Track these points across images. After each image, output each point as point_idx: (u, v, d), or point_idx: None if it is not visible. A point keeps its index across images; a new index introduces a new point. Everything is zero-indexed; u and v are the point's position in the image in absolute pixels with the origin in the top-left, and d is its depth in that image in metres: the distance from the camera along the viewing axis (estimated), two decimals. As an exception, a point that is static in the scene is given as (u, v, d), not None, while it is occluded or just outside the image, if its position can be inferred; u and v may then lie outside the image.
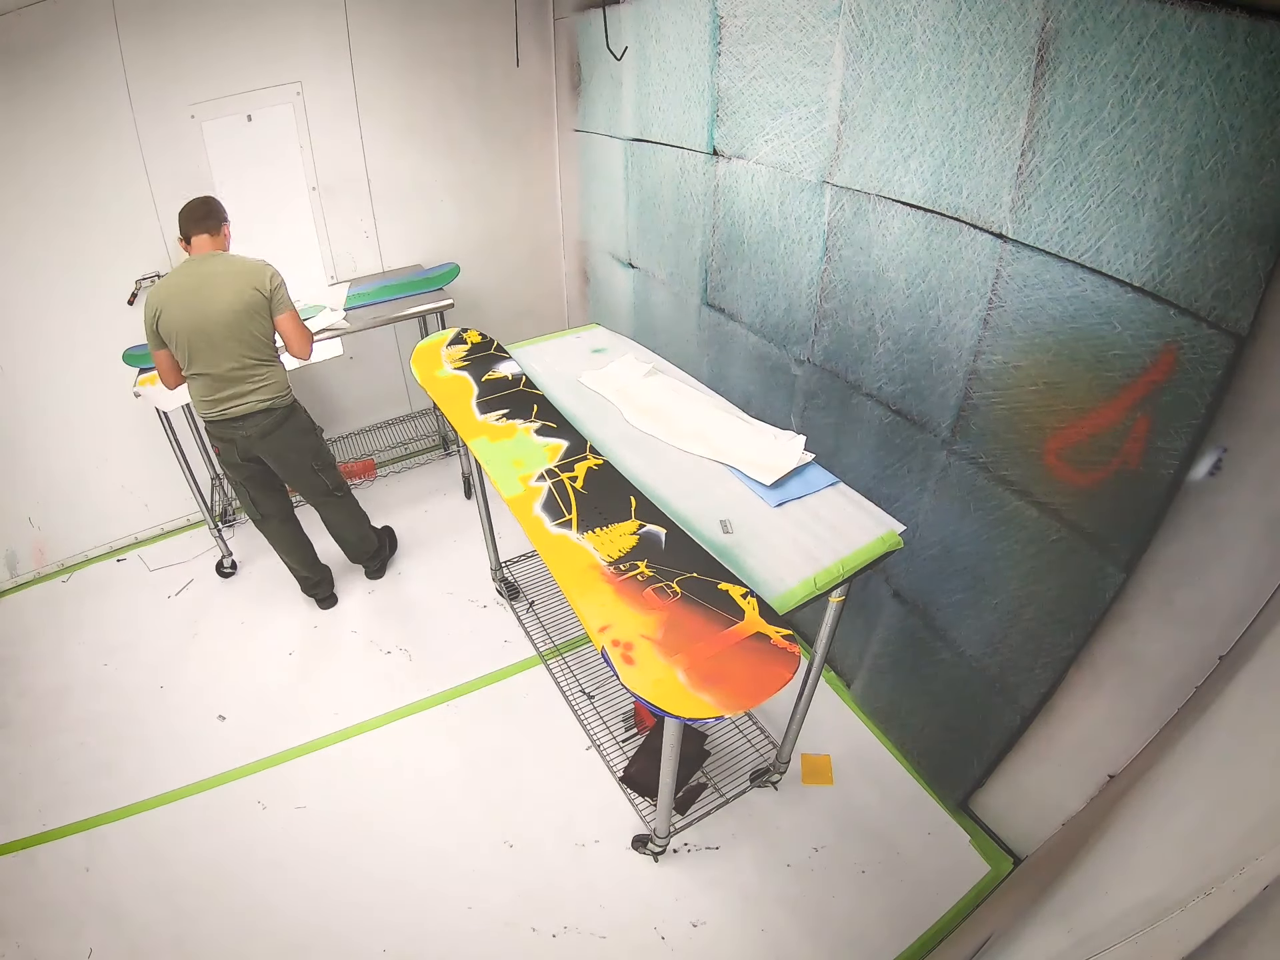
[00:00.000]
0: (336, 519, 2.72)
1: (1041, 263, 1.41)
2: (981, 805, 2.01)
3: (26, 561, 3.08)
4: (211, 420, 2.30)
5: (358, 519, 2.77)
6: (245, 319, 2.17)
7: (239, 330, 2.17)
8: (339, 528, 2.75)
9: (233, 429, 2.29)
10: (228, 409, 2.26)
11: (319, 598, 2.81)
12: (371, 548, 2.86)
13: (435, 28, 2.98)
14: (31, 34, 2.34)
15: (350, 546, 2.82)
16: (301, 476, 2.50)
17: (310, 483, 2.53)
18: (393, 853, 2.02)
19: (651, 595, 1.41)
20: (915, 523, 1.90)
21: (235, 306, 2.14)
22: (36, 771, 2.28)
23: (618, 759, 2.16)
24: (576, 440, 1.89)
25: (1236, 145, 1.08)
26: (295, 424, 2.41)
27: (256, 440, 2.32)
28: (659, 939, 1.81)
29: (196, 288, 2.12)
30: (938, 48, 1.50)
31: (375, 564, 2.92)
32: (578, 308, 3.83)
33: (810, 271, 2.04)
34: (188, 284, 2.13)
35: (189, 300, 2.11)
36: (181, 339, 2.15)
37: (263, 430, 2.32)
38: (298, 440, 2.43)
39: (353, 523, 2.76)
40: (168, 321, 2.12)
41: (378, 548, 2.90)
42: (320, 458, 2.53)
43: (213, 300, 2.12)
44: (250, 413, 2.28)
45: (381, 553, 2.93)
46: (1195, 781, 1.12)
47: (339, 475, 2.64)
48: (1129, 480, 1.37)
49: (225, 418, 2.27)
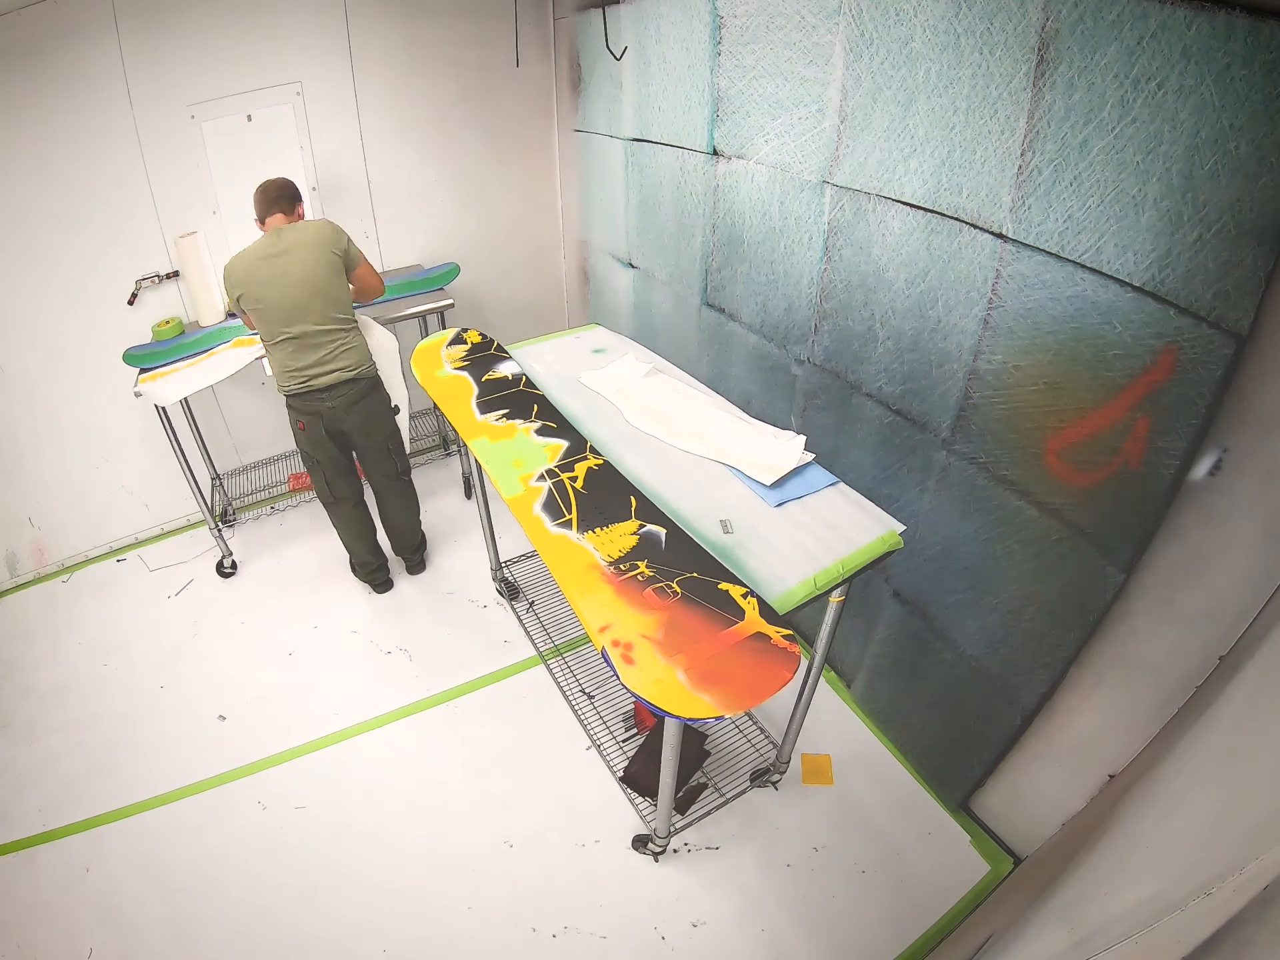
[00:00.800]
0: (396, 505, 2.74)
1: (1041, 263, 1.41)
2: (981, 805, 2.01)
3: (26, 561, 3.08)
4: (297, 393, 2.32)
5: (414, 509, 2.82)
6: (329, 280, 2.25)
7: (321, 295, 2.24)
8: (395, 516, 2.78)
9: (319, 400, 2.33)
10: (314, 379, 2.30)
11: (377, 582, 2.86)
12: (418, 539, 2.92)
13: (435, 28, 2.98)
14: (31, 34, 2.34)
15: (400, 536, 2.85)
16: (378, 454, 2.54)
17: (384, 462, 2.57)
18: (393, 853, 2.02)
19: (651, 595, 1.41)
20: (915, 523, 1.90)
21: (318, 270, 2.22)
22: (36, 771, 2.28)
23: (618, 759, 2.16)
24: (576, 440, 1.89)
25: (1236, 145, 1.08)
26: (379, 397, 2.48)
27: (343, 411, 2.36)
28: (659, 939, 1.81)
29: (278, 256, 2.20)
30: (938, 48, 1.50)
31: (418, 557, 2.95)
32: (578, 308, 3.83)
33: (810, 271, 2.04)
34: (270, 254, 2.20)
35: (273, 270, 2.19)
36: (266, 310, 2.22)
37: (349, 400, 2.36)
38: (381, 414, 2.49)
39: (409, 512, 2.80)
40: (252, 297, 2.20)
41: (422, 540, 2.95)
42: (395, 438, 2.59)
43: (293, 270, 2.20)
44: (337, 382, 2.32)
45: (424, 547, 2.98)
46: (1195, 781, 1.12)
47: (407, 460, 2.69)
48: (1129, 480, 1.37)
49: (311, 388, 2.30)
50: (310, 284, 2.21)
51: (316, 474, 2.51)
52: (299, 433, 2.41)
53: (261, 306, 2.22)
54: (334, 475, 2.50)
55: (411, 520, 2.83)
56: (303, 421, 2.38)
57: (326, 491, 2.54)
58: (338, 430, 2.41)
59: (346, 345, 2.33)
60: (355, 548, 2.76)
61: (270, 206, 2.26)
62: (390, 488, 2.66)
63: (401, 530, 2.83)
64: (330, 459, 2.47)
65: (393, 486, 2.66)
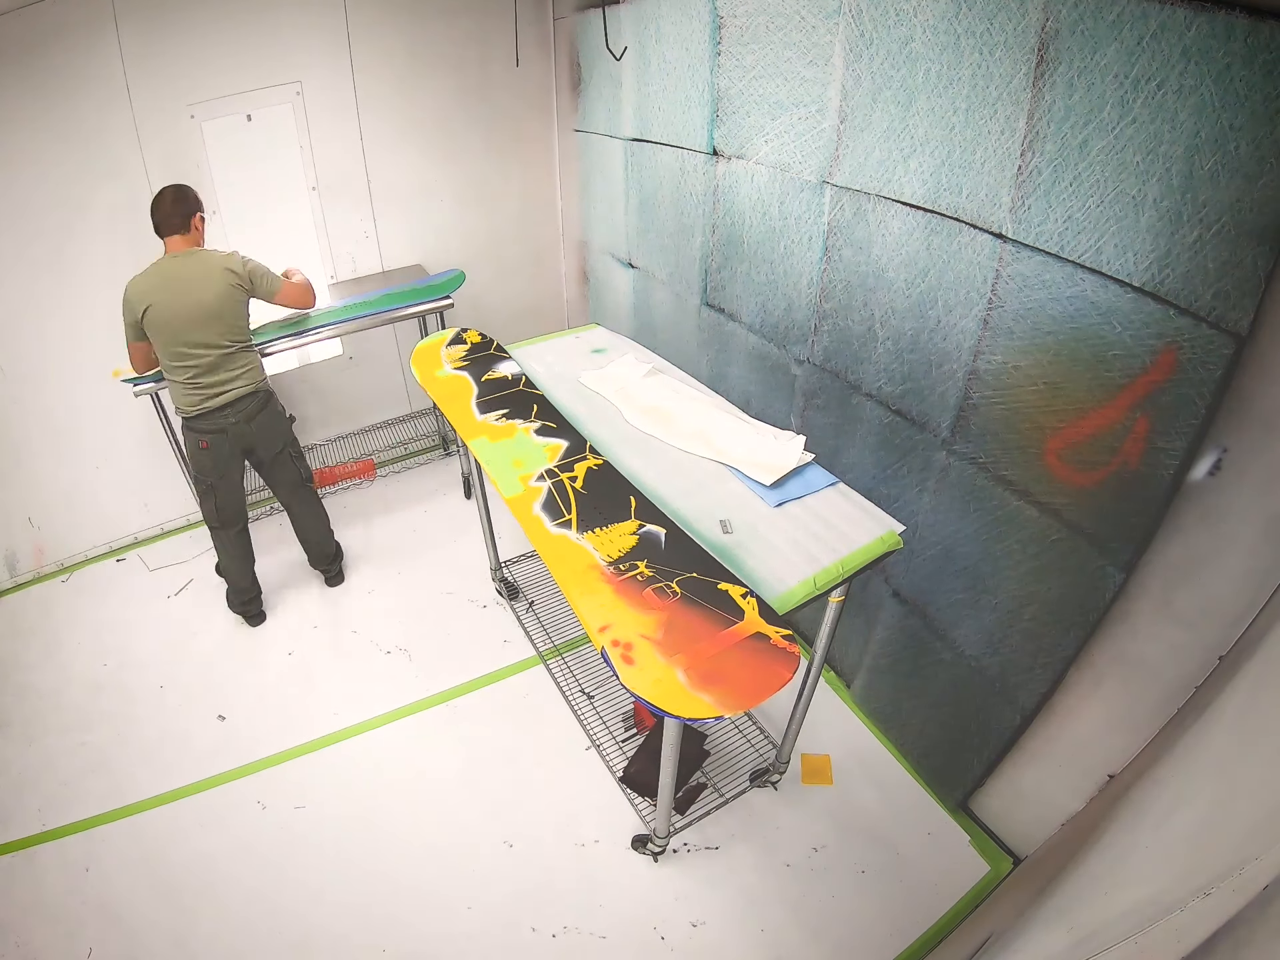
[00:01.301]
0: (306, 515, 2.75)
1: (1041, 263, 1.41)
2: (981, 805, 2.02)
3: (26, 561, 3.08)
4: (197, 415, 2.34)
5: (323, 517, 2.82)
6: (227, 307, 2.29)
7: (218, 321, 2.28)
8: (307, 527, 2.77)
9: (221, 418, 2.36)
10: (213, 399, 2.33)
11: (251, 613, 2.77)
12: (332, 549, 2.89)
13: (435, 27, 2.98)
14: (31, 34, 2.34)
15: (314, 546, 2.84)
16: (282, 462, 2.57)
17: (288, 470, 2.61)
18: (393, 853, 2.02)
19: (651, 595, 1.41)
20: (915, 523, 1.90)
21: (212, 299, 2.25)
22: (36, 771, 2.28)
23: (618, 759, 2.16)
24: (576, 440, 1.89)
25: (1236, 145, 1.08)
26: (275, 408, 2.53)
27: (244, 425, 2.40)
28: (659, 939, 1.81)
29: (173, 283, 2.22)
30: (938, 48, 1.50)
31: (335, 568, 2.92)
32: (578, 308, 3.83)
33: (810, 271, 2.04)
34: (168, 282, 2.22)
35: (173, 296, 2.21)
36: (168, 333, 2.24)
37: (249, 414, 2.41)
38: (279, 424, 2.54)
39: (319, 521, 2.80)
40: (152, 317, 2.21)
41: (337, 551, 2.92)
42: (295, 446, 2.63)
43: (190, 295, 2.23)
44: (236, 398, 2.36)
45: (340, 557, 2.95)
46: (1195, 781, 1.12)
47: (309, 469, 2.73)
48: (1129, 480, 1.37)
49: (210, 408, 2.33)
50: (211, 314, 2.25)
51: (208, 498, 2.48)
52: (201, 453, 2.40)
53: (161, 330, 2.23)
54: (226, 498, 2.50)
55: (323, 530, 2.82)
56: (206, 440, 2.37)
57: (215, 515, 2.52)
58: (243, 445, 2.44)
59: (246, 366, 2.39)
60: (236, 575, 2.69)
61: (164, 225, 2.25)
62: (297, 496, 2.69)
63: (315, 540, 2.82)
64: (227, 480, 2.47)
65: (299, 495, 2.68)
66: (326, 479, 3.43)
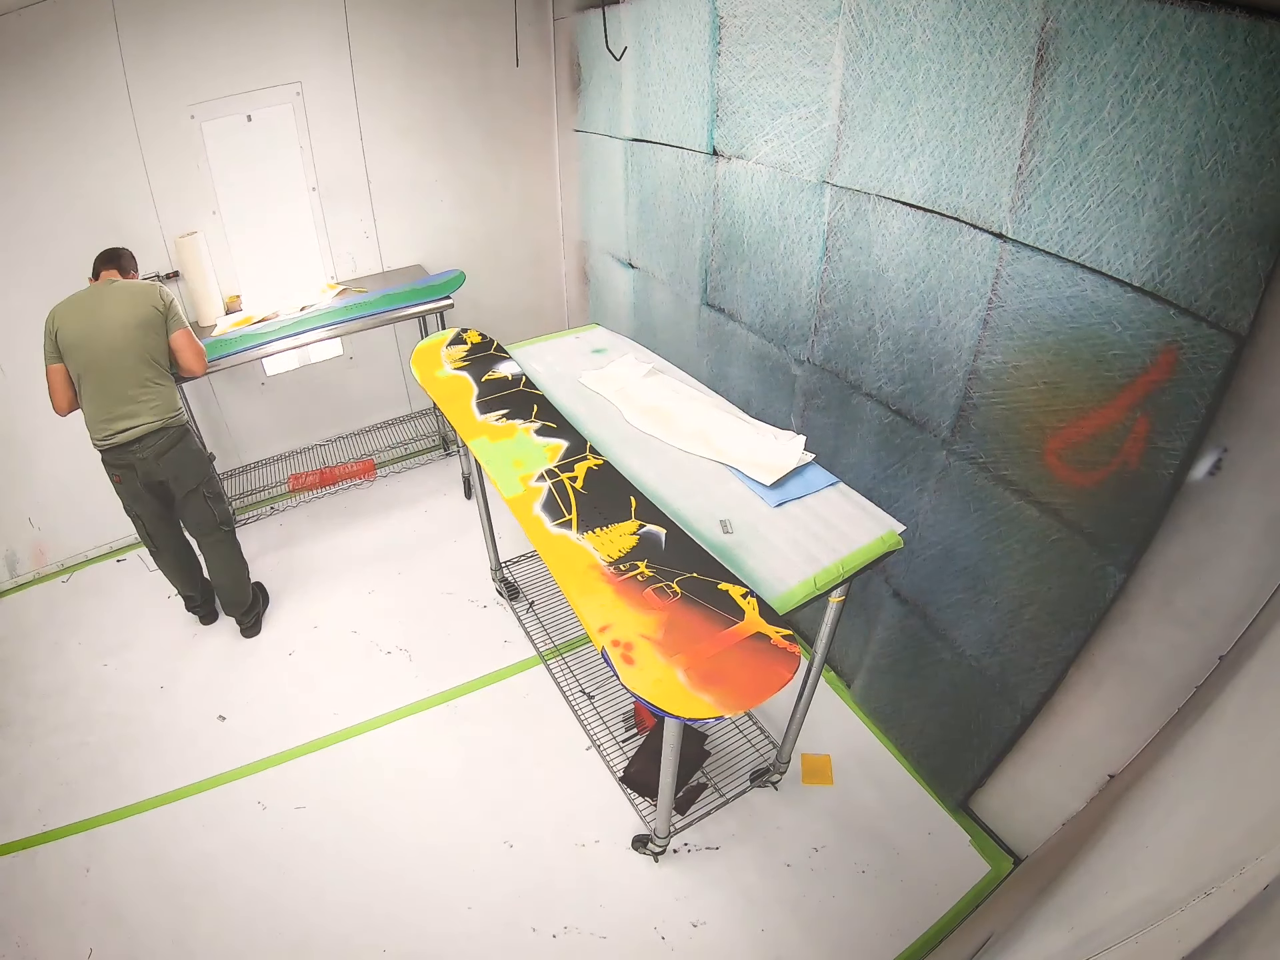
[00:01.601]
0: (216, 560, 2.60)
1: (1041, 263, 1.41)
2: (981, 805, 2.01)
3: (26, 562, 3.08)
4: (107, 448, 2.28)
5: (238, 564, 2.66)
6: (141, 334, 2.25)
7: (135, 345, 2.24)
8: (218, 571, 2.62)
9: (129, 454, 2.28)
10: (120, 433, 2.25)
11: (202, 615, 2.78)
12: (247, 599, 2.70)
13: (435, 28, 2.98)
14: (31, 34, 2.34)
15: (225, 593, 2.67)
16: (195, 503, 2.45)
17: (201, 512, 2.48)
18: (393, 853, 2.02)
19: (651, 595, 1.41)
20: (915, 523, 1.90)
21: (131, 321, 2.22)
22: (36, 771, 2.28)
23: (618, 759, 2.16)
24: (576, 440, 1.89)
25: (1236, 145, 1.09)
26: (189, 445, 2.40)
27: (153, 461, 2.30)
28: (659, 939, 1.81)
29: (95, 305, 2.22)
30: (937, 48, 1.50)
31: (250, 619, 2.72)
32: (578, 308, 3.83)
33: (810, 271, 2.04)
34: (88, 302, 2.23)
35: (87, 316, 2.20)
36: (80, 353, 2.20)
37: (158, 450, 2.30)
38: (192, 462, 2.42)
39: (232, 567, 2.64)
40: (66, 335, 2.19)
41: (252, 601, 2.73)
42: (212, 486, 2.51)
43: (110, 316, 2.21)
44: (143, 435, 2.27)
45: (255, 607, 2.76)
46: (1195, 781, 1.12)
47: (227, 511, 2.62)
48: (1129, 480, 1.37)
49: (118, 443, 2.26)
50: (124, 337, 2.21)
51: (138, 525, 2.46)
52: (117, 486, 2.37)
53: (75, 352, 2.20)
54: (154, 527, 2.47)
55: (236, 576, 2.65)
56: (119, 475, 2.34)
57: (149, 542, 2.51)
58: (154, 481, 2.35)
59: (156, 399, 2.30)
60: (179, 586, 2.69)
61: (105, 264, 2.31)
62: (208, 541, 2.55)
63: (226, 587, 2.65)
64: (149, 512, 2.42)
65: (210, 539, 2.54)
66: (327, 479, 3.43)
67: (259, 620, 2.78)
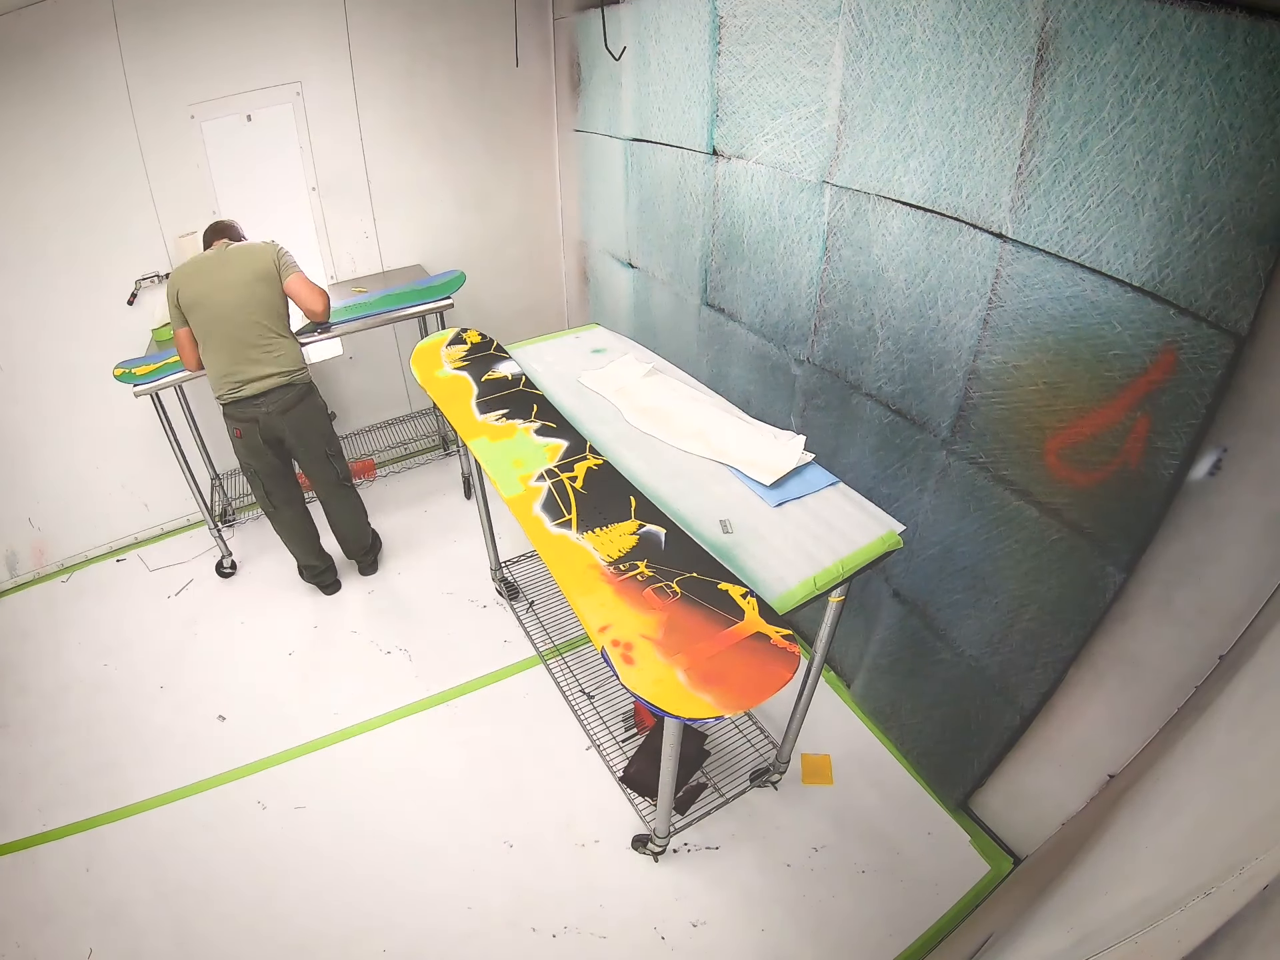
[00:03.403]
0: (341, 511, 2.75)
1: (1041, 263, 1.41)
2: (981, 805, 2.01)
3: (26, 561, 3.08)
4: (231, 401, 2.36)
5: (360, 514, 2.83)
6: (259, 287, 2.33)
7: (254, 299, 2.33)
8: (342, 523, 2.78)
9: (254, 406, 2.36)
10: (246, 386, 2.35)
11: (325, 583, 2.87)
12: (368, 543, 2.92)
13: (435, 28, 2.98)
14: (31, 34, 2.34)
15: (350, 542, 2.86)
16: (317, 461, 2.55)
17: (324, 469, 2.58)
18: (393, 853, 2.02)
19: (651, 595, 1.41)
20: (915, 523, 1.90)
21: (247, 276, 2.32)
22: (36, 771, 2.28)
23: (618, 759, 2.16)
24: (576, 440, 1.89)
25: (1236, 145, 1.08)
26: (314, 402, 2.50)
27: (278, 416, 2.39)
28: (659, 939, 1.81)
29: (213, 267, 2.32)
30: (937, 48, 1.50)
31: (369, 559, 2.96)
32: (578, 308, 3.83)
33: (810, 271, 2.04)
34: (206, 265, 2.33)
35: (206, 276, 2.30)
36: (201, 310, 2.31)
37: (284, 405, 2.39)
38: (316, 419, 2.51)
39: (355, 517, 2.80)
40: (186, 295, 2.29)
41: (371, 543, 2.95)
42: (332, 444, 2.61)
43: (228, 274, 2.31)
44: (270, 389, 2.37)
45: (375, 548, 2.99)
46: (1195, 781, 1.12)
47: (347, 467, 2.72)
48: (1129, 480, 1.37)
49: (242, 395, 2.35)
50: (242, 292, 2.30)
51: (255, 483, 2.52)
52: (236, 441, 2.43)
53: (197, 311, 2.30)
54: (272, 484, 2.52)
55: (359, 525, 2.83)
56: (239, 429, 2.40)
57: (266, 501, 2.56)
58: (274, 437, 2.42)
59: (280, 352, 2.38)
60: (299, 553, 2.77)
61: (215, 235, 2.43)
62: (333, 495, 2.67)
63: (350, 537, 2.84)
64: (267, 467, 2.48)
65: (335, 494, 2.67)
66: (326, 479, 3.42)
67: (377, 560, 3.00)
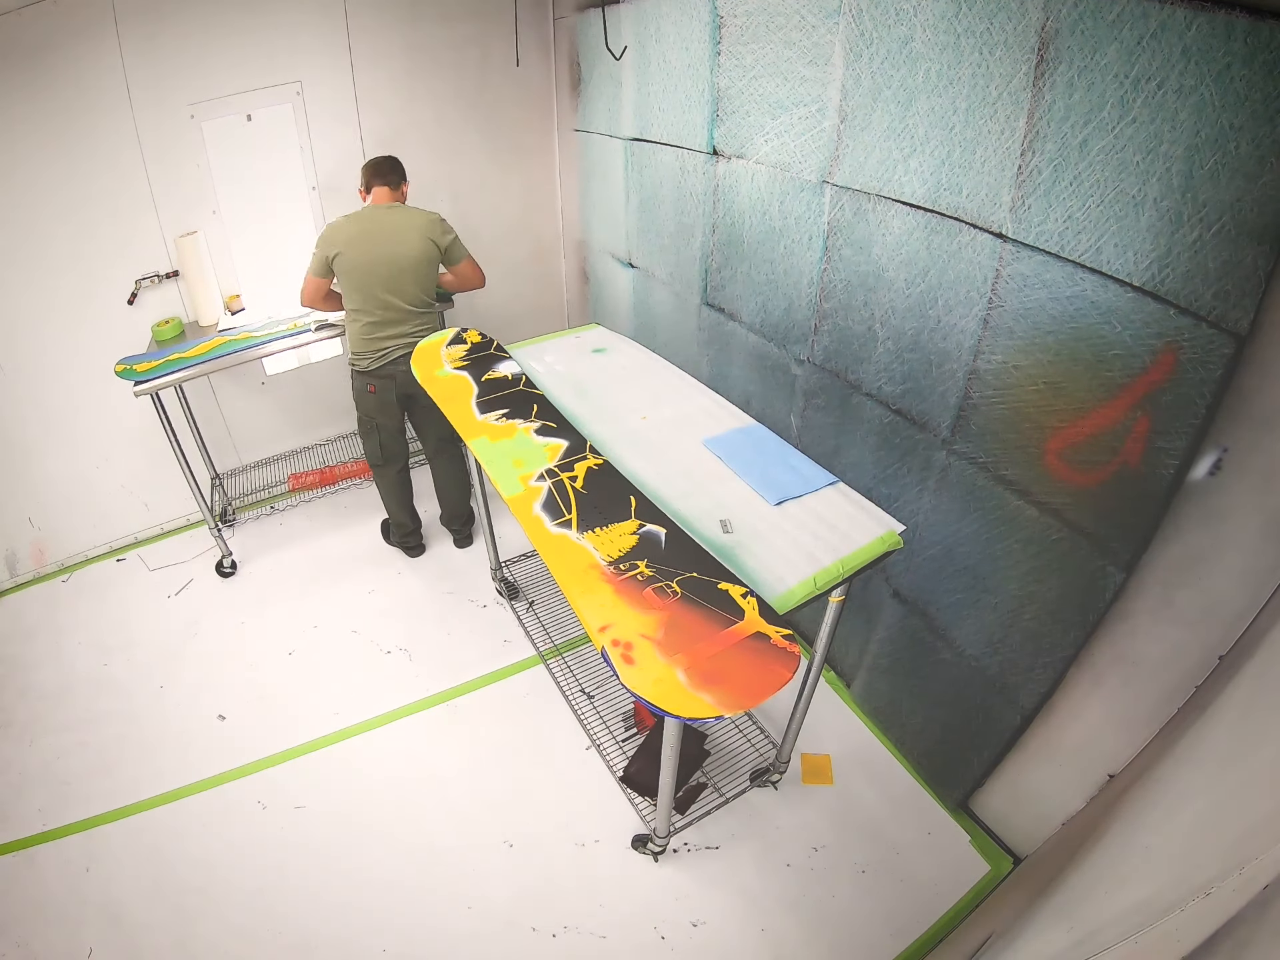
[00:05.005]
0: (449, 473, 2.86)
1: (1041, 262, 1.41)
2: (981, 805, 2.02)
3: (26, 561, 3.08)
4: (370, 358, 2.48)
5: (466, 478, 2.91)
6: (422, 266, 2.43)
7: (416, 276, 2.43)
8: (447, 485, 2.90)
9: (393, 365, 2.50)
10: (390, 348, 2.48)
11: (410, 545, 3.01)
12: (468, 510, 3.01)
13: (435, 28, 2.97)
14: (31, 34, 2.33)
15: (452, 504, 2.96)
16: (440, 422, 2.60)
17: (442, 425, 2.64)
18: (393, 852, 2.02)
19: (651, 595, 1.41)
20: (915, 522, 1.90)
21: (412, 254, 2.39)
22: (36, 771, 2.28)
23: (618, 759, 2.16)
24: (576, 440, 1.89)
25: (1236, 145, 1.08)
26: None
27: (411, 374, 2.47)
28: (659, 939, 1.81)
29: (377, 233, 2.36)
30: (938, 47, 1.50)
31: (466, 530, 3.05)
32: (578, 308, 3.83)
33: (810, 271, 2.04)
34: (370, 229, 2.36)
35: (371, 244, 2.35)
36: (357, 277, 2.38)
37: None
38: None
39: (461, 480, 2.91)
40: (345, 260, 2.35)
41: (469, 516, 3.03)
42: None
43: (394, 246, 2.36)
44: (408, 353, 2.44)
45: (473, 520, 3.07)
46: (1195, 781, 1.12)
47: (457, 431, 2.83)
48: (1129, 480, 1.37)
49: (387, 359, 2.48)
50: (403, 264, 2.38)
51: (372, 437, 2.66)
52: (368, 396, 2.56)
53: (353, 274, 2.36)
54: (389, 438, 2.67)
55: (463, 489, 2.93)
56: (374, 385, 2.53)
57: (379, 454, 2.71)
58: (406, 394, 2.55)
59: (427, 324, 2.54)
60: (395, 510, 2.90)
61: (378, 178, 2.43)
62: (445, 452, 2.80)
63: (453, 499, 2.94)
64: (392, 424, 2.64)
65: (448, 451, 2.80)
66: (327, 479, 3.43)
67: (471, 535, 3.09)
